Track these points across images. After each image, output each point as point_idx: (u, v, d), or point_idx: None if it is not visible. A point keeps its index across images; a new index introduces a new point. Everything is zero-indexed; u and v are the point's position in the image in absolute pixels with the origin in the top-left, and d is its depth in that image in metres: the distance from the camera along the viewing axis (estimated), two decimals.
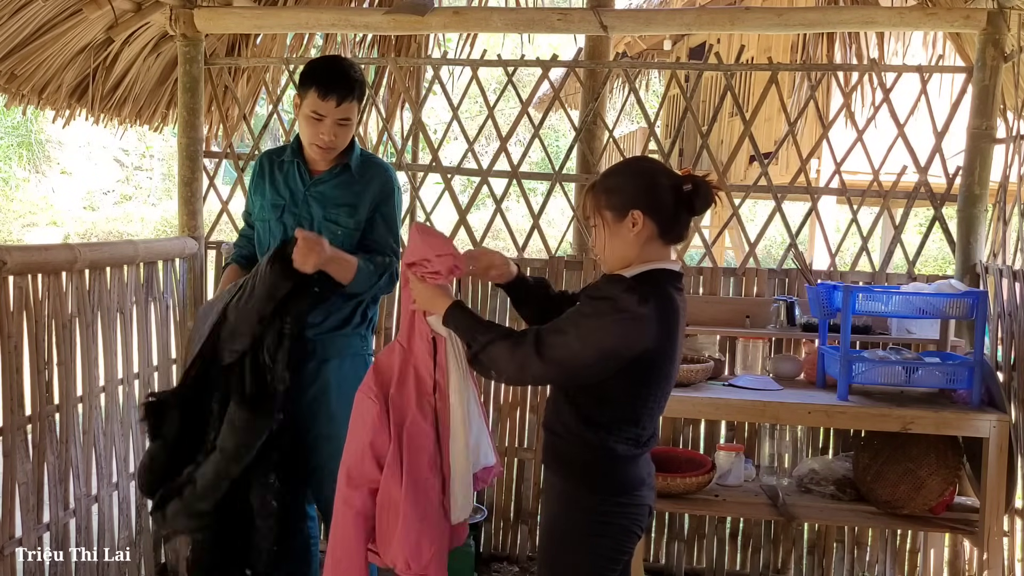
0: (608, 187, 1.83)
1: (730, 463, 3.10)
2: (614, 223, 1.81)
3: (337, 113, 2.34)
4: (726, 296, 3.42)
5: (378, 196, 2.49)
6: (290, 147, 2.54)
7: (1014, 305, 2.82)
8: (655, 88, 10.65)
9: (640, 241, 1.80)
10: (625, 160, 1.93)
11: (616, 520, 1.86)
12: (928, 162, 3.35)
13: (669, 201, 1.79)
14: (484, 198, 3.72)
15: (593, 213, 1.85)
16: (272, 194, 2.52)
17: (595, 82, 3.56)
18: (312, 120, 2.35)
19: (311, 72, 2.36)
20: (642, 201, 1.79)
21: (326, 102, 2.32)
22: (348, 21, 3.46)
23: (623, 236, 1.81)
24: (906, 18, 3.24)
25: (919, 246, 3.48)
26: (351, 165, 2.48)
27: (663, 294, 1.78)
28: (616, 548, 1.88)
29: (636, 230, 1.79)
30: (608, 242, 1.83)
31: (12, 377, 2.37)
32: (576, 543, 1.87)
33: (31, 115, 13.65)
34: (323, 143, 2.38)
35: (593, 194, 1.86)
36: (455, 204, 3.64)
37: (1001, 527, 2.75)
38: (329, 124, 2.36)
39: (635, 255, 1.81)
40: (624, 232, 1.80)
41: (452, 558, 3.23)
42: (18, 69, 3.54)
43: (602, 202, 1.83)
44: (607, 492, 1.85)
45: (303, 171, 2.50)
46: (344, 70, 2.36)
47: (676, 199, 1.79)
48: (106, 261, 2.83)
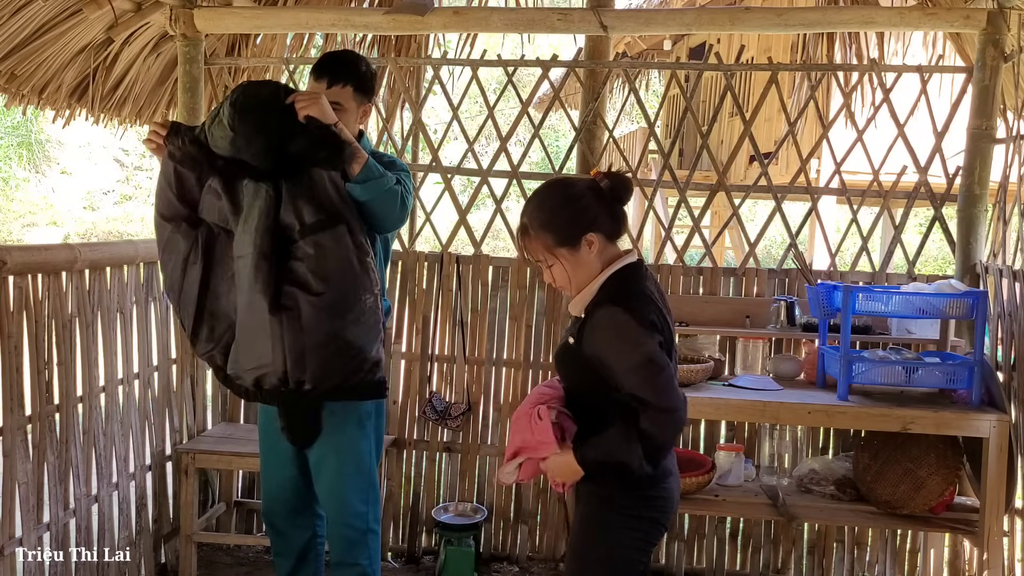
0: (550, 226, 1.84)
1: (730, 463, 3.10)
2: (571, 255, 1.85)
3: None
4: (726, 296, 3.42)
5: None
6: None
7: (1014, 305, 2.82)
8: (655, 88, 10.64)
9: (598, 254, 1.86)
10: (545, 191, 1.90)
11: (645, 513, 1.88)
12: (928, 162, 3.35)
13: (602, 207, 1.86)
14: (484, 198, 3.72)
15: (545, 255, 1.86)
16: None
17: (595, 82, 3.56)
18: None
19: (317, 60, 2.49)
20: (586, 224, 1.84)
21: (318, 83, 2.41)
22: (348, 21, 3.46)
23: (584, 260, 1.86)
24: (906, 18, 3.24)
25: (919, 246, 3.48)
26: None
27: (641, 295, 1.83)
28: (645, 540, 1.91)
29: (594, 249, 1.85)
30: (573, 272, 1.86)
31: (12, 377, 2.37)
32: (605, 538, 1.89)
33: (31, 115, 13.64)
34: None
35: (532, 239, 1.86)
36: (455, 204, 3.64)
37: (1001, 527, 2.76)
38: None
39: (595, 271, 1.87)
40: (584, 256, 1.85)
41: (452, 558, 3.25)
42: (18, 69, 3.54)
43: (551, 242, 1.84)
44: (636, 486, 1.86)
45: None
46: (340, 56, 2.50)
47: (604, 201, 1.86)
48: (106, 261, 2.83)
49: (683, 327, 3.27)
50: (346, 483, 2.43)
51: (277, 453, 2.49)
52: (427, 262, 3.59)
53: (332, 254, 2.18)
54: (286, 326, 2.17)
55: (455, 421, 3.51)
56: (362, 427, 2.45)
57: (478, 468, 3.58)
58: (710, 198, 3.68)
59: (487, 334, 3.55)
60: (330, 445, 2.39)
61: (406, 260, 3.56)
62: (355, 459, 2.43)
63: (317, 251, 2.17)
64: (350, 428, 2.41)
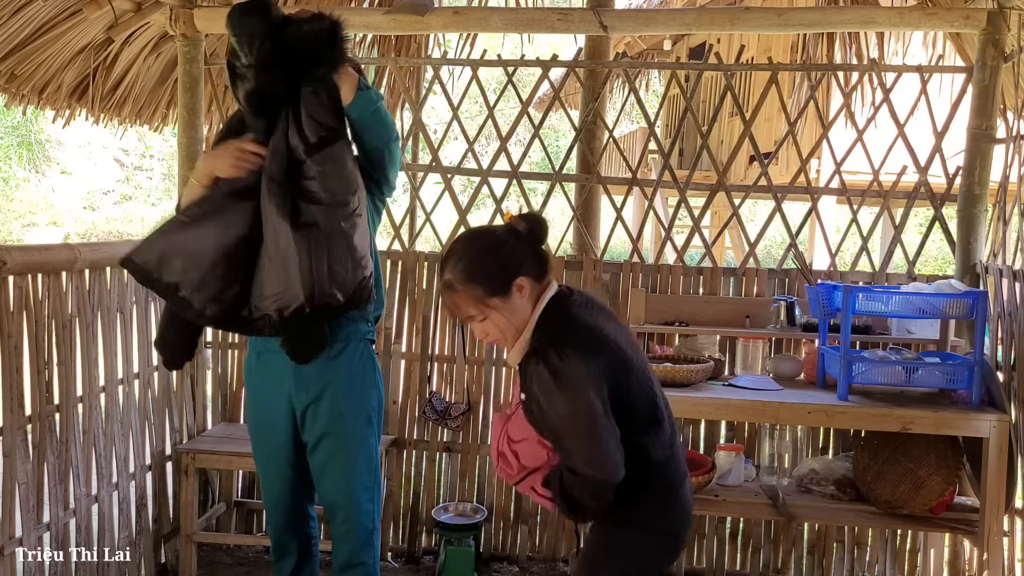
0: (477, 279, 1.79)
1: (730, 463, 3.10)
2: (505, 304, 1.80)
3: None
4: (726, 296, 3.42)
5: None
6: None
7: (1014, 305, 2.82)
8: (655, 88, 10.63)
9: (529, 299, 1.82)
10: (464, 244, 1.85)
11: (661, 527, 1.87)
12: (928, 162, 3.35)
13: (525, 250, 1.82)
14: (484, 198, 3.72)
15: (478, 309, 1.80)
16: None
17: (595, 82, 3.56)
18: None
19: None
20: (514, 267, 1.80)
21: None
22: (348, 21, 3.37)
23: (517, 305, 1.81)
24: (906, 18, 3.24)
25: (919, 246, 3.48)
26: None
27: (573, 327, 1.79)
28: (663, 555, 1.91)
29: (525, 293, 1.80)
30: (508, 322, 1.81)
31: (12, 377, 2.37)
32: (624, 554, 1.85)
33: (31, 115, 13.64)
34: None
35: (460, 294, 1.80)
36: (455, 204, 3.64)
37: (1001, 527, 2.75)
38: None
39: (527, 313, 1.82)
40: (516, 302, 1.80)
41: (452, 558, 3.25)
42: (18, 69, 3.54)
43: (481, 294, 1.78)
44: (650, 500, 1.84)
45: None
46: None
47: (525, 244, 1.82)
48: (106, 261, 2.83)
49: (683, 327, 3.27)
50: (356, 482, 2.42)
51: (276, 463, 2.47)
52: (427, 262, 3.58)
53: (338, 168, 2.22)
54: (312, 243, 2.19)
55: (455, 421, 3.51)
56: (370, 424, 2.45)
57: (478, 468, 3.58)
58: (710, 198, 3.68)
59: None
60: (340, 444, 2.38)
61: (406, 260, 3.56)
62: (365, 457, 2.43)
63: (325, 167, 2.20)
64: (359, 426, 2.42)
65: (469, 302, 1.80)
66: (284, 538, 2.55)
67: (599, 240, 3.72)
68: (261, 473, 2.55)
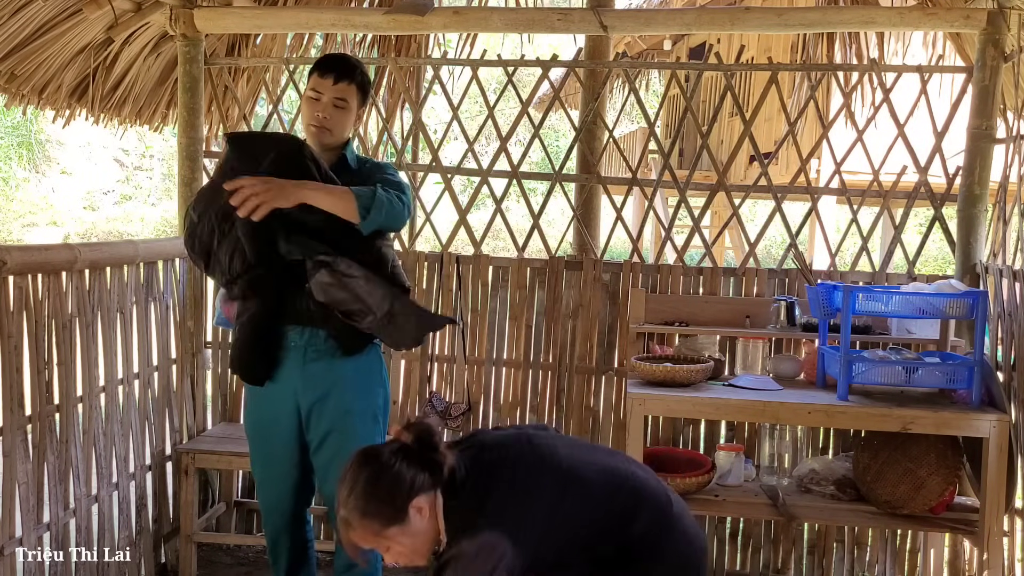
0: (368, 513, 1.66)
1: (730, 463, 3.10)
2: (404, 530, 1.67)
3: (334, 91, 2.39)
4: (726, 296, 3.42)
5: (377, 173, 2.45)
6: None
7: (1014, 305, 2.82)
8: (655, 88, 10.63)
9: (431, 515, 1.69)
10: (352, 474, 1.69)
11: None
12: (928, 162, 3.35)
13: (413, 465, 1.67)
14: (484, 198, 3.72)
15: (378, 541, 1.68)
16: None
17: (595, 82, 3.56)
18: (311, 100, 2.41)
19: (318, 60, 2.51)
20: (406, 489, 1.66)
21: (324, 79, 2.40)
22: (348, 21, 3.46)
23: (419, 527, 1.68)
24: (906, 18, 3.24)
25: (919, 246, 3.48)
26: (347, 156, 2.48)
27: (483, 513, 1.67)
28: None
29: (425, 513, 1.68)
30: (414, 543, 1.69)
31: (12, 377, 2.37)
32: None
33: (31, 115, 13.64)
34: (319, 121, 2.40)
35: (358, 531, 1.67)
36: (455, 204, 3.64)
37: (1001, 527, 2.76)
38: (326, 103, 2.39)
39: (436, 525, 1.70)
40: (417, 524, 1.67)
41: None
42: (18, 69, 3.54)
43: (378, 527, 1.66)
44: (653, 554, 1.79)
45: None
46: (346, 56, 2.51)
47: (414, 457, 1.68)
48: (106, 261, 2.83)
49: (683, 327, 3.27)
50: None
51: (279, 463, 2.47)
52: (427, 262, 3.58)
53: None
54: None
55: (455, 421, 3.51)
56: (376, 422, 2.46)
57: None
58: (710, 198, 3.68)
59: (487, 334, 3.55)
60: (345, 441, 2.36)
61: (406, 260, 3.56)
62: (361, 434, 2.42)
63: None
64: (366, 424, 2.42)
65: (368, 537, 1.67)
66: (281, 540, 2.54)
67: (599, 240, 3.72)
68: (260, 475, 2.54)
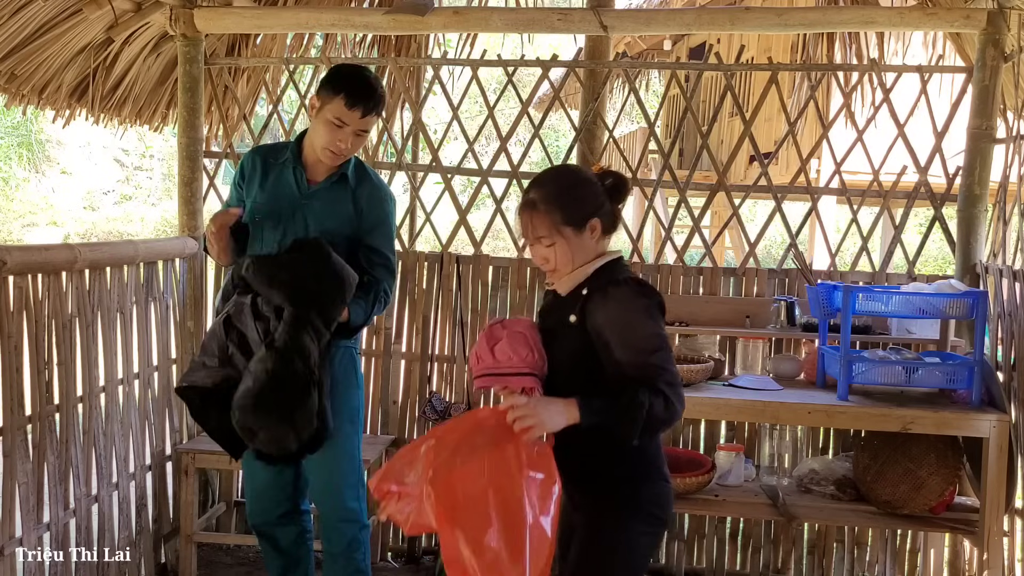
0: (559, 203, 1.86)
1: (730, 463, 3.10)
2: (575, 236, 1.87)
3: (360, 124, 2.34)
4: (726, 296, 3.42)
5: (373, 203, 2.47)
6: (290, 149, 2.48)
7: (1014, 305, 2.82)
8: (655, 88, 10.62)
9: (595, 242, 1.90)
10: (556, 172, 1.99)
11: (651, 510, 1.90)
12: (928, 162, 3.35)
13: (605, 200, 1.91)
14: (484, 198, 3.72)
15: (550, 232, 1.86)
16: (267, 197, 2.46)
17: (595, 82, 3.56)
18: (332, 126, 2.33)
19: (341, 79, 2.35)
20: (593, 208, 1.88)
21: (352, 111, 2.31)
22: (348, 21, 3.46)
23: (584, 244, 1.88)
24: (906, 18, 3.24)
25: (919, 246, 3.48)
26: (347, 174, 2.46)
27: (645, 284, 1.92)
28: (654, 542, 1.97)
29: (595, 235, 1.89)
30: (571, 253, 1.87)
31: (12, 377, 2.37)
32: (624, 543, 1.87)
33: (31, 115, 13.63)
34: (339, 150, 2.37)
35: (540, 213, 1.86)
36: (455, 204, 3.64)
37: (1001, 527, 2.76)
38: (349, 132, 2.34)
39: (590, 256, 1.90)
40: (585, 240, 1.88)
41: None
42: (18, 69, 3.54)
43: (558, 219, 1.85)
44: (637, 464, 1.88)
45: (300, 177, 2.45)
46: (374, 84, 2.38)
47: (607, 196, 1.91)
48: (106, 261, 2.83)
49: (683, 327, 3.27)
50: (342, 480, 2.46)
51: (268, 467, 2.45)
52: (427, 262, 3.58)
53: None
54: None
55: None
56: (353, 423, 2.48)
57: None
58: (710, 198, 3.68)
59: None
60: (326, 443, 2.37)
61: (406, 260, 3.56)
62: (349, 456, 2.47)
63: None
64: (343, 425, 2.43)
65: (544, 224, 1.86)
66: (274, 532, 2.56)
67: None
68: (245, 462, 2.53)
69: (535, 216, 1.87)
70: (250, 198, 2.49)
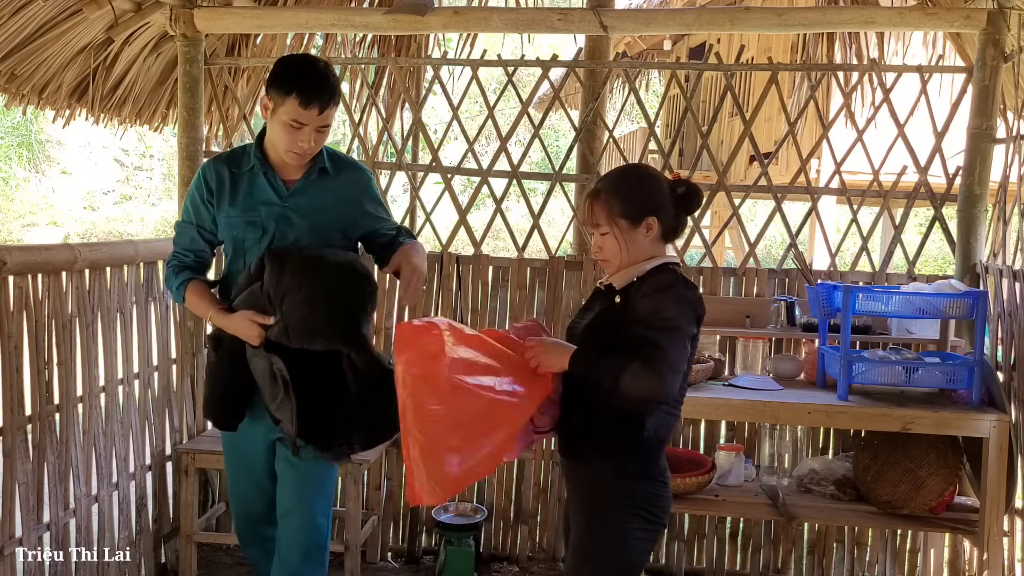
0: (619, 195, 1.91)
1: (730, 463, 3.10)
2: (629, 229, 1.91)
3: (319, 121, 2.17)
4: (726, 296, 3.42)
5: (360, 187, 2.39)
6: (252, 155, 2.29)
7: (1014, 305, 2.82)
8: (655, 88, 10.63)
9: (650, 242, 1.94)
10: (627, 167, 2.04)
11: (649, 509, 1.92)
12: (928, 162, 3.35)
13: (671, 205, 1.94)
14: (484, 198, 3.72)
15: (606, 221, 1.91)
16: (242, 209, 2.29)
17: (595, 82, 3.56)
18: (291, 128, 2.16)
19: (288, 76, 2.17)
20: (653, 207, 1.92)
21: (308, 110, 2.14)
22: (348, 21, 3.46)
23: (637, 240, 1.92)
24: (906, 18, 3.25)
25: (919, 246, 3.48)
26: (326, 167, 2.33)
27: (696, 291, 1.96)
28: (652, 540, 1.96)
29: (650, 234, 1.92)
30: (623, 247, 1.92)
31: (12, 377, 2.37)
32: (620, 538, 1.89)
33: (31, 115, 13.64)
34: (303, 151, 2.22)
35: (601, 202, 1.92)
36: (455, 204, 3.64)
37: (1001, 527, 2.76)
38: (309, 131, 2.18)
39: (645, 255, 1.93)
40: (639, 237, 1.92)
41: (452, 558, 3.25)
42: (18, 69, 3.54)
43: (615, 210, 1.91)
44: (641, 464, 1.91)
45: (275, 181, 2.29)
46: (325, 75, 2.19)
47: (675, 202, 1.95)
48: (106, 261, 2.83)
49: None
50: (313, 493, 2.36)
51: (248, 471, 2.40)
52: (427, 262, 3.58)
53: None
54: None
55: None
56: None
57: None
58: (710, 198, 3.67)
59: None
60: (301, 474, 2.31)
61: None
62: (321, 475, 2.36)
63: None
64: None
65: (603, 212, 1.92)
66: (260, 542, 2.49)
67: None
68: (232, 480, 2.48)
69: (595, 204, 1.93)
70: (222, 214, 2.31)
